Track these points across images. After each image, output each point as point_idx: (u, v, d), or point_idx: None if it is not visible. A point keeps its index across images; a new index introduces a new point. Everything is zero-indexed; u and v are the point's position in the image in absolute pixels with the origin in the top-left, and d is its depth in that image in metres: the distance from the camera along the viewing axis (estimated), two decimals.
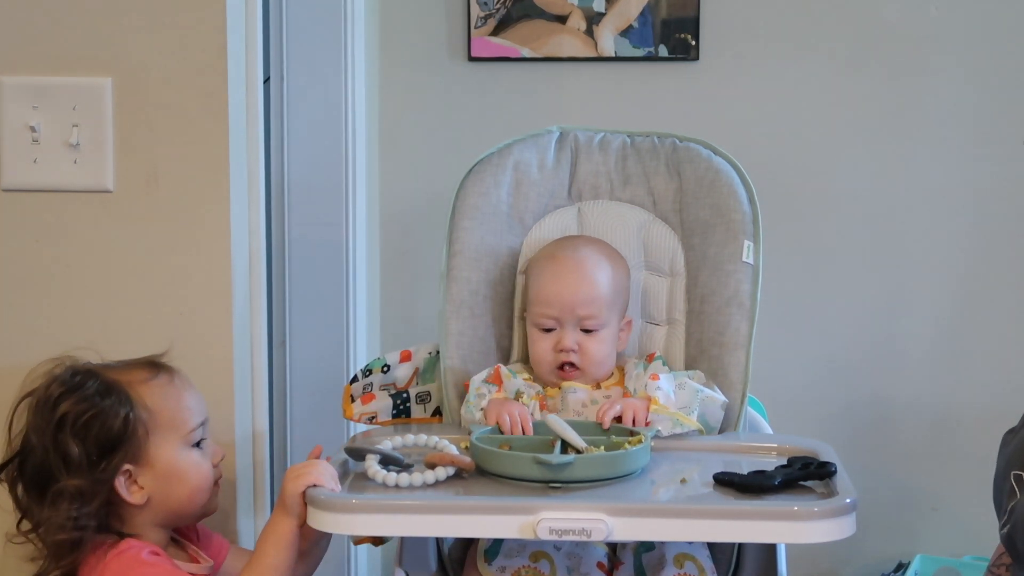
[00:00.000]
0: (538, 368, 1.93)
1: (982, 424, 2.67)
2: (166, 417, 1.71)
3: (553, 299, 1.91)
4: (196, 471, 1.73)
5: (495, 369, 1.92)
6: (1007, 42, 2.68)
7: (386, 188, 2.80)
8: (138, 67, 1.88)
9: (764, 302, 1.99)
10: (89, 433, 1.66)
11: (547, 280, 1.93)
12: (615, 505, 1.54)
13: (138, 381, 1.72)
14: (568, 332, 1.90)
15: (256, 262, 1.99)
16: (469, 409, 1.88)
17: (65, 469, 1.65)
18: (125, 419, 1.67)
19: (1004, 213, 2.72)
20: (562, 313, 1.91)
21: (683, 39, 2.70)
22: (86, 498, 1.65)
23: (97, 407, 1.67)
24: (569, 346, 1.90)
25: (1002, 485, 1.64)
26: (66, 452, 1.65)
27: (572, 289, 1.91)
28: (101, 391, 1.68)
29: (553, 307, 1.91)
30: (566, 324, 1.91)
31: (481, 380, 1.90)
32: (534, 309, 1.93)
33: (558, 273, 1.93)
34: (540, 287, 1.93)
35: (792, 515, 1.53)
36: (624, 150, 2.09)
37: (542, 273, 1.94)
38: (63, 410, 1.66)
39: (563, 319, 1.91)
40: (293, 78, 2.57)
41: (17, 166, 1.89)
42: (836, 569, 2.80)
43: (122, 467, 1.67)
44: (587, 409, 1.89)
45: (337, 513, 1.57)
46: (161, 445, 1.70)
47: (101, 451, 1.66)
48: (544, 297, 1.92)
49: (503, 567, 1.80)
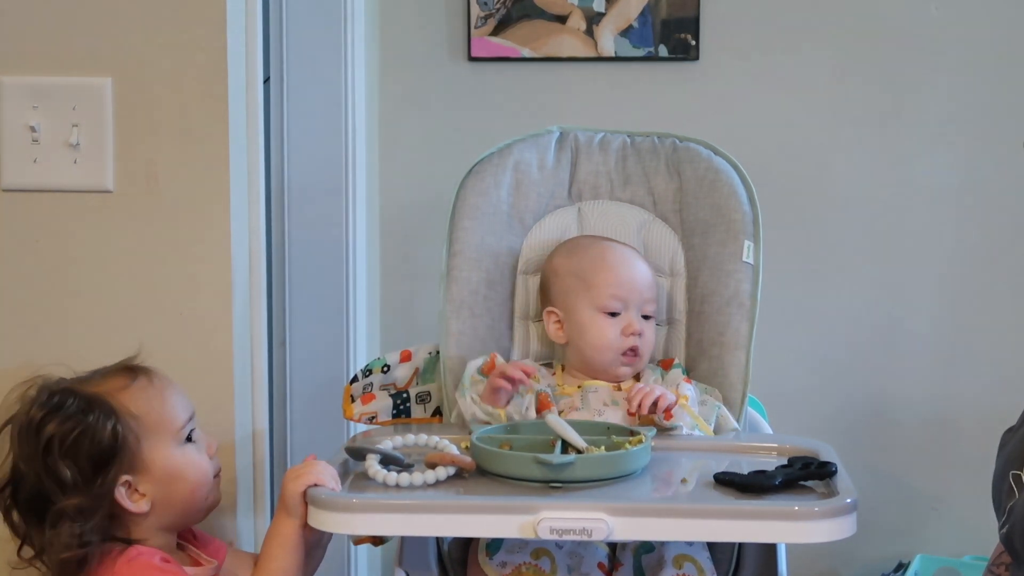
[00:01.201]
0: (599, 356, 1.93)
1: (982, 424, 2.66)
2: (153, 420, 1.69)
3: (625, 281, 1.92)
4: (194, 467, 1.71)
5: (491, 357, 1.91)
6: (1007, 42, 2.68)
7: (386, 188, 2.80)
8: (138, 67, 1.87)
9: (764, 302, 1.99)
10: (79, 451, 1.63)
11: (615, 263, 1.94)
12: (616, 505, 1.54)
13: (117, 389, 1.69)
14: (635, 316, 1.92)
15: (256, 262, 1.99)
16: (463, 392, 1.88)
17: (61, 491, 1.62)
18: (113, 431, 1.64)
19: (1004, 213, 2.72)
20: (631, 295, 1.92)
21: (683, 39, 2.70)
22: (87, 514, 1.63)
23: (83, 424, 1.64)
24: (639, 329, 1.91)
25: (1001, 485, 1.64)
26: (59, 475, 1.62)
27: (641, 273, 1.95)
28: (83, 407, 1.65)
29: (624, 288, 1.92)
30: (632, 308, 1.92)
31: (476, 368, 1.90)
32: (602, 291, 1.92)
33: (623, 259, 1.95)
34: (607, 272, 1.93)
35: (793, 515, 1.53)
36: (624, 150, 2.09)
37: (604, 258, 1.95)
38: (48, 432, 1.63)
39: (631, 302, 1.92)
40: (293, 78, 2.57)
41: (17, 166, 1.89)
42: (836, 569, 2.80)
43: (120, 479, 1.65)
44: (608, 408, 1.89)
45: (338, 513, 1.57)
46: (154, 449, 1.68)
47: (95, 467, 1.64)
48: (615, 280, 1.92)
49: (504, 562, 1.80)
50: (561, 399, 1.92)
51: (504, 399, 1.87)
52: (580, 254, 1.97)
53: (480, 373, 1.91)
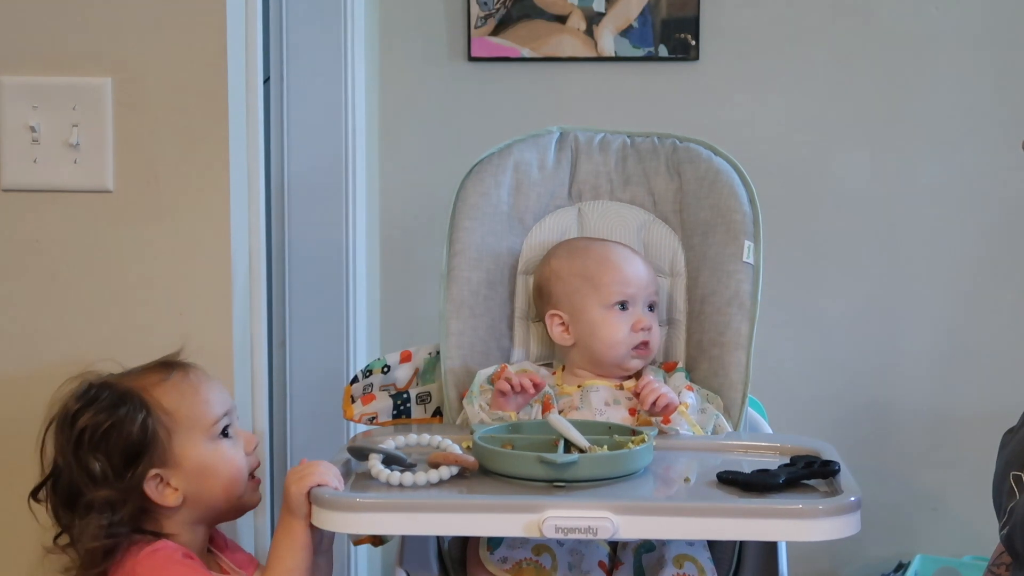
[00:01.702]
0: (612, 352, 1.93)
1: (982, 424, 2.66)
2: (184, 415, 1.70)
3: (631, 277, 1.94)
4: (227, 463, 1.72)
5: (502, 368, 1.91)
6: (1007, 42, 2.69)
7: (386, 188, 2.80)
8: (138, 67, 1.87)
9: (764, 302, 1.99)
10: (109, 444, 1.65)
11: (620, 261, 1.96)
12: (621, 503, 1.54)
13: (152, 384, 1.71)
14: (643, 311, 1.93)
15: (256, 262, 1.99)
16: (471, 400, 1.88)
17: (91, 482, 1.64)
18: (143, 424, 1.66)
19: (1004, 213, 2.72)
20: (639, 290, 1.94)
21: (683, 39, 2.70)
22: (116, 507, 1.64)
23: (113, 417, 1.66)
24: (648, 323, 1.93)
25: (1001, 486, 1.64)
26: (89, 467, 1.64)
27: (647, 270, 1.97)
28: (115, 401, 1.67)
29: (631, 285, 1.93)
30: (639, 303, 1.93)
31: (486, 377, 1.90)
32: (611, 289, 1.93)
33: (625, 257, 1.97)
34: (613, 270, 1.94)
35: (797, 513, 1.53)
36: (624, 150, 2.09)
37: (608, 257, 1.96)
38: (80, 425, 1.65)
39: (638, 297, 1.94)
40: (293, 78, 2.57)
41: (17, 166, 1.88)
42: (836, 569, 2.80)
43: (149, 472, 1.66)
44: (609, 408, 1.89)
45: (342, 512, 1.57)
46: (186, 444, 1.69)
47: (125, 460, 1.65)
48: (622, 277, 1.94)
49: (505, 558, 1.80)
50: (561, 399, 1.92)
51: (513, 405, 1.87)
52: (582, 255, 1.97)
53: (489, 382, 1.91)
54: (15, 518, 1.78)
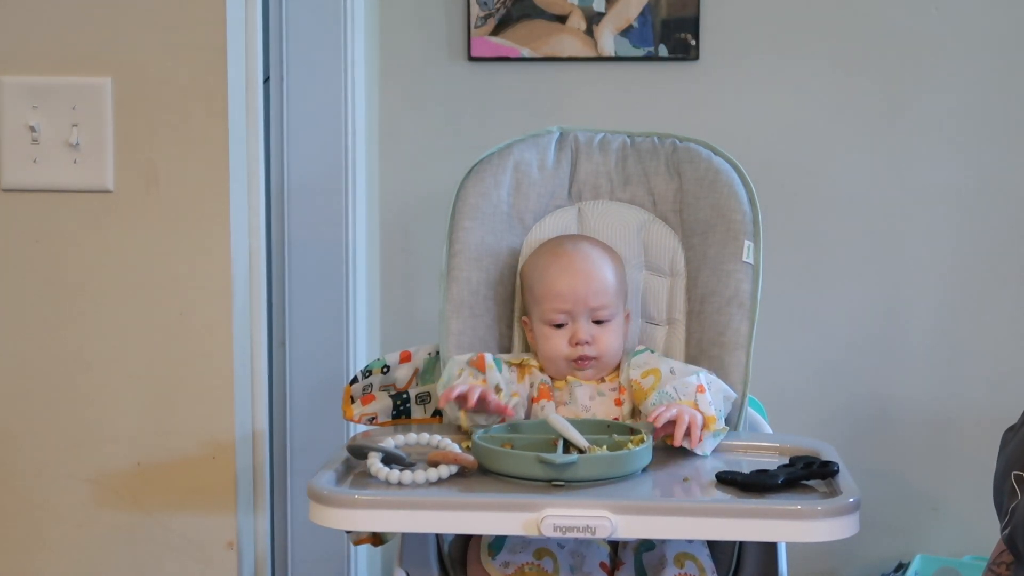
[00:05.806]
0: (553, 365, 1.93)
1: (982, 424, 2.67)
2: None
3: (566, 293, 1.91)
4: None
5: (479, 356, 1.90)
6: (1007, 42, 2.69)
7: (386, 188, 2.80)
8: (138, 67, 1.87)
9: (764, 302, 1.99)
10: None
11: (555, 275, 1.93)
12: (620, 503, 1.54)
13: None
14: (582, 325, 1.91)
15: (256, 262, 1.99)
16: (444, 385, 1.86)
17: None
18: None
19: (1004, 213, 2.72)
20: (575, 306, 1.91)
21: (683, 39, 2.70)
22: None
23: None
24: (585, 338, 1.91)
25: (1002, 486, 1.63)
26: None
27: (584, 281, 1.92)
28: None
29: (567, 301, 1.91)
30: (579, 317, 1.91)
31: (465, 362, 1.89)
32: (545, 306, 1.93)
33: (566, 268, 1.93)
34: (549, 283, 1.93)
35: (796, 514, 1.53)
36: (624, 150, 2.09)
37: (547, 270, 1.94)
38: None
39: (576, 312, 1.91)
40: (293, 78, 2.57)
41: (17, 166, 1.89)
42: (836, 569, 2.80)
43: None
44: (594, 402, 1.90)
45: (341, 509, 1.57)
46: None
47: None
48: (556, 292, 1.92)
49: (507, 562, 1.80)
50: (555, 392, 1.92)
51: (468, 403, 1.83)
52: (531, 265, 1.98)
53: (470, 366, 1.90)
54: (15, 518, 1.78)
